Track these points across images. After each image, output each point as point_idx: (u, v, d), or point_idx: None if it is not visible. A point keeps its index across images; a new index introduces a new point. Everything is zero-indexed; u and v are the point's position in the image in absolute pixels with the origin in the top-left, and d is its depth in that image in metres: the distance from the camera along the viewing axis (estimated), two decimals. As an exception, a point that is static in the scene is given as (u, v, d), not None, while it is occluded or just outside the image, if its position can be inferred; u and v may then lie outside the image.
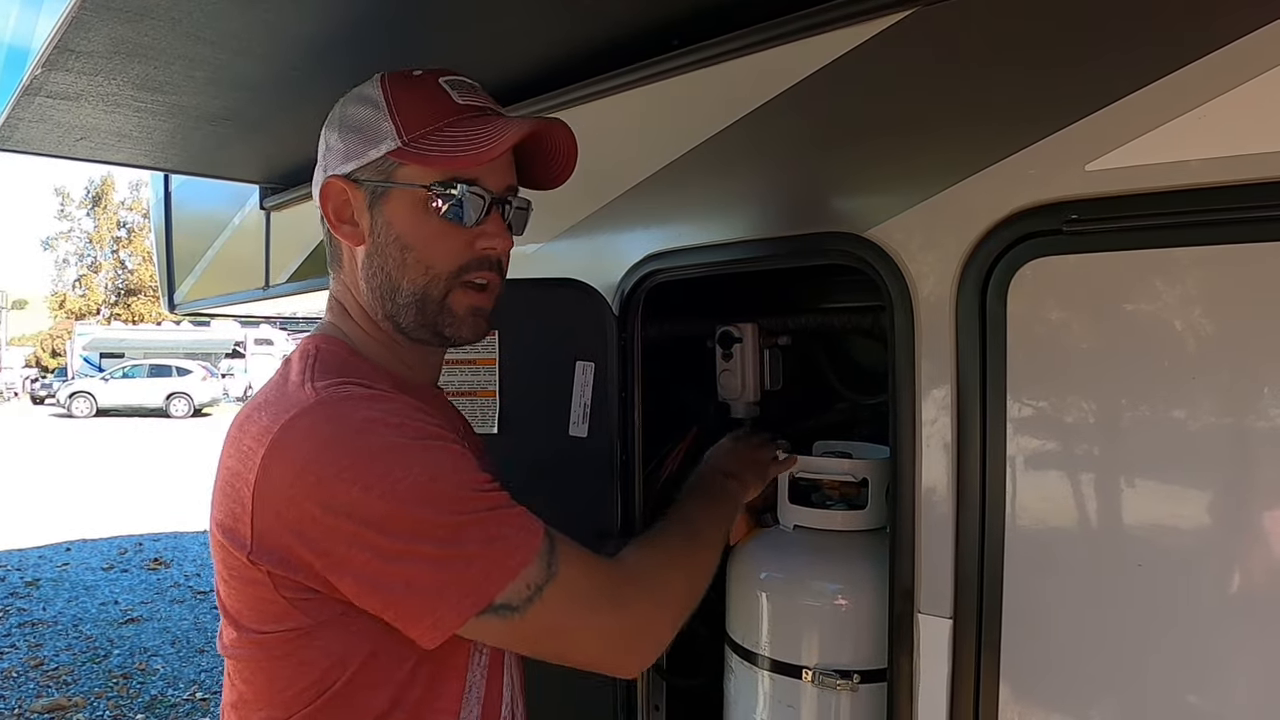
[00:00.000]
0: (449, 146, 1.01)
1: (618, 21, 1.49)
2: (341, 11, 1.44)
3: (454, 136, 1.02)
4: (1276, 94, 0.97)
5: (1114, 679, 1.11)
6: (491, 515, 0.93)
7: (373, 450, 0.89)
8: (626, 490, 1.69)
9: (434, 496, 0.90)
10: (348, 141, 1.05)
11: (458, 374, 1.77)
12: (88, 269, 44.35)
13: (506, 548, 0.92)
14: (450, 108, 1.04)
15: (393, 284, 1.05)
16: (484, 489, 0.94)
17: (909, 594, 1.29)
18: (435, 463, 0.92)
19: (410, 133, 1.02)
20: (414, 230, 1.03)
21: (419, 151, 1.01)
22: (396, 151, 1.02)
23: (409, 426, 0.93)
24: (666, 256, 1.64)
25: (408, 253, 1.04)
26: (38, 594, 7.16)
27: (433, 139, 1.02)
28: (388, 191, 1.04)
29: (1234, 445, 1.02)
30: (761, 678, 1.52)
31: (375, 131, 1.03)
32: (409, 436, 0.92)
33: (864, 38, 1.31)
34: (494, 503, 0.94)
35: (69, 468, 13.92)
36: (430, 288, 1.04)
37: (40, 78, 1.64)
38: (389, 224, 1.04)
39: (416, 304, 1.05)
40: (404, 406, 0.96)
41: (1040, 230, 1.15)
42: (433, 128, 1.02)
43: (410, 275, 1.04)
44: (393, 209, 1.04)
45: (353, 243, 1.07)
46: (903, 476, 1.29)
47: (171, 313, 4.72)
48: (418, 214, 1.03)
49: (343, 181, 1.05)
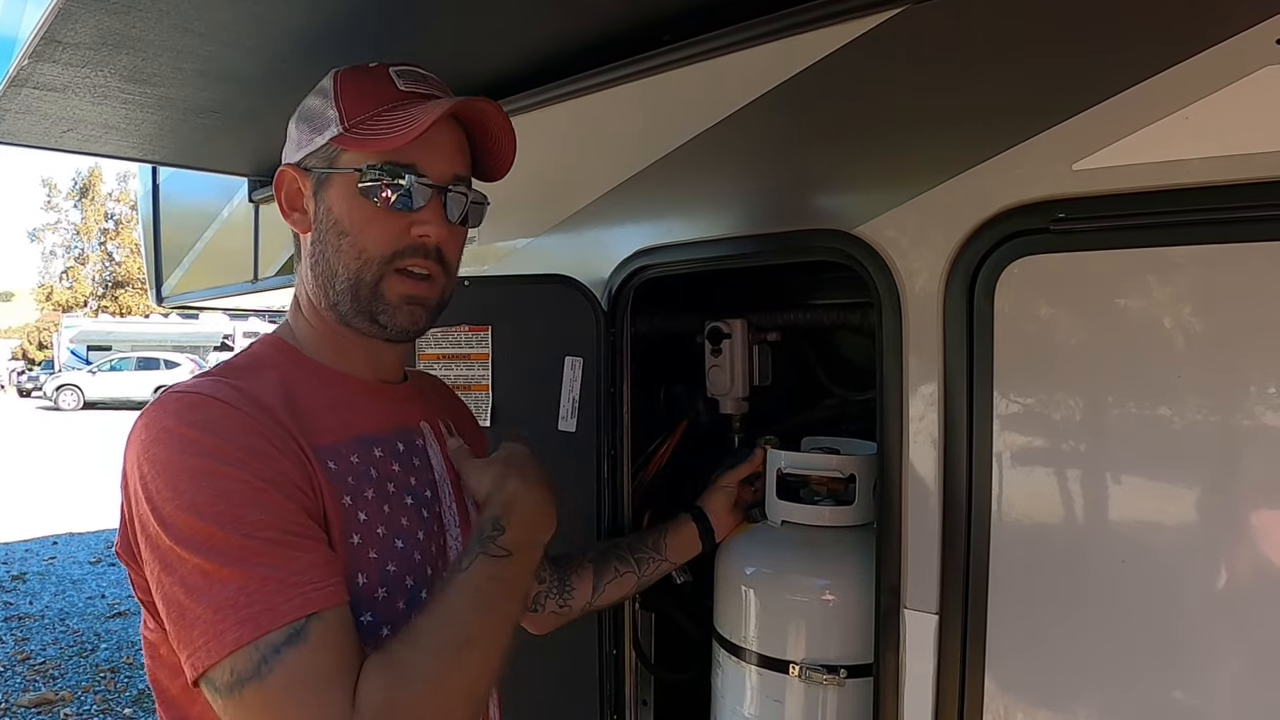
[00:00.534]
0: (382, 129, 1.00)
1: (608, 17, 1.49)
2: (330, 4, 1.44)
3: (389, 120, 1.01)
4: (1262, 94, 0.98)
5: (1098, 674, 1.12)
6: (233, 572, 0.81)
7: (159, 462, 0.86)
8: (614, 484, 1.69)
9: (189, 528, 0.83)
10: (300, 130, 1.07)
11: (453, 368, 1.78)
12: (75, 261, 44.06)
13: (233, 616, 0.80)
14: (391, 94, 1.04)
15: (331, 269, 1.03)
16: (250, 536, 0.83)
17: (895, 589, 1.29)
18: (208, 491, 0.84)
19: (351, 118, 1.02)
20: (349, 214, 1.02)
21: (357, 136, 1.01)
22: (338, 138, 1.02)
23: (204, 443, 0.86)
24: (656, 252, 1.64)
25: (343, 238, 1.02)
26: (24, 588, 7.12)
27: (369, 123, 1.01)
28: (329, 177, 1.03)
29: (1218, 443, 1.03)
30: (749, 672, 1.52)
31: (322, 119, 1.04)
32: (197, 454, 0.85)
33: (853, 35, 1.31)
34: (253, 556, 0.82)
35: (56, 461, 13.85)
36: (363, 272, 1.02)
37: (27, 69, 1.63)
38: (329, 209, 1.03)
39: (351, 289, 1.03)
40: (230, 426, 0.88)
41: (1027, 229, 1.16)
42: (373, 113, 1.02)
43: (345, 260, 1.02)
44: (333, 194, 1.03)
45: (301, 230, 1.08)
46: (889, 472, 1.30)
47: (159, 306, 4.69)
48: (353, 198, 1.02)
49: (293, 170, 1.07)
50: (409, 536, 1.03)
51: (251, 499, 0.85)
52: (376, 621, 0.96)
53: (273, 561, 0.83)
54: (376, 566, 0.97)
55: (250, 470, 0.86)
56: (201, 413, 0.89)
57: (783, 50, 1.40)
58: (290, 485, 0.89)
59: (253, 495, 0.85)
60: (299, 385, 1.02)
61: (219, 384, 0.94)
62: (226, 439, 0.87)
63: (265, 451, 0.88)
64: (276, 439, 0.90)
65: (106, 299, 42.83)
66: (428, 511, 1.08)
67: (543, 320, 1.71)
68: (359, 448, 1.02)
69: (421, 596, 1.02)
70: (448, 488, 1.14)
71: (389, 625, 0.97)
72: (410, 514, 1.04)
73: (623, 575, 1.53)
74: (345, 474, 0.98)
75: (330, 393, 1.04)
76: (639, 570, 1.55)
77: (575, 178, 1.20)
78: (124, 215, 42.82)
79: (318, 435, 0.97)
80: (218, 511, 0.83)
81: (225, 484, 0.84)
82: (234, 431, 0.88)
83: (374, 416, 1.08)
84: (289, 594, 0.82)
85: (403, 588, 1.00)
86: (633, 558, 1.55)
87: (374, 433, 1.05)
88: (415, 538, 1.04)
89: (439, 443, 1.16)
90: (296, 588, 0.82)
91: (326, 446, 0.97)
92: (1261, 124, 0.99)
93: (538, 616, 1.46)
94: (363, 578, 0.95)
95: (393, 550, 1.00)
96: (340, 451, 0.99)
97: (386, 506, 1.01)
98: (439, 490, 1.12)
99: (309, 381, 1.04)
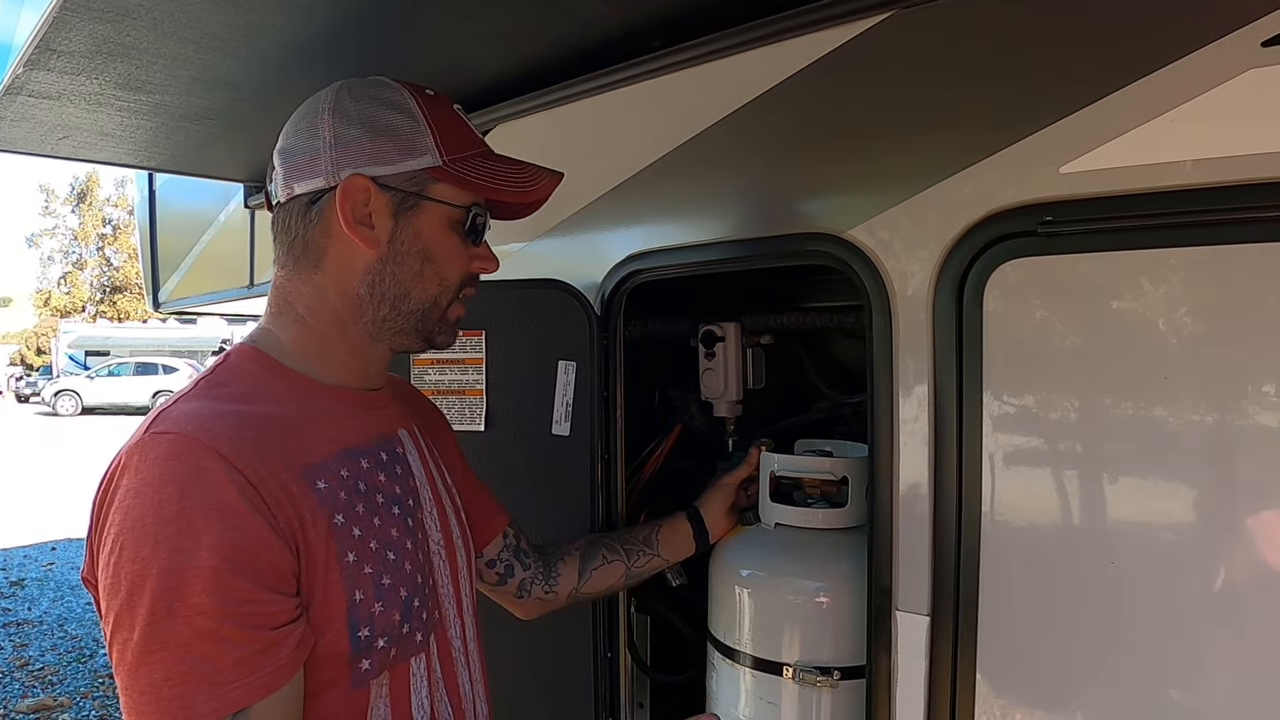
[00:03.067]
0: (489, 176, 1.08)
1: (598, 23, 1.50)
2: (324, 13, 1.44)
3: (491, 169, 1.09)
4: (1249, 97, 0.99)
5: (1088, 675, 1.13)
6: (163, 660, 0.83)
7: (133, 516, 0.85)
8: (608, 488, 1.70)
9: (157, 597, 0.83)
10: (379, 145, 1.03)
11: (447, 373, 1.78)
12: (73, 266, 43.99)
13: (156, 708, 0.82)
14: (477, 139, 1.12)
15: (403, 291, 1.07)
16: (192, 622, 0.83)
17: (887, 591, 1.30)
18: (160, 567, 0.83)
19: (450, 154, 1.06)
20: (439, 244, 1.08)
21: (459, 174, 1.06)
22: (436, 169, 1.05)
23: (172, 508, 0.84)
24: (648, 256, 1.64)
25: (428, 264, 1.07)
26: (23, 594, 7.12)
27: (470, 165, 1.08)
28: (420, 204, 1.06)
29: (1207, 444, 1.04)
30: (743, 675, 1.53)
31: (414, 144, 1.04)
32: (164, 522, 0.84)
33: (843, 40, 1.32)
34: (185, 645, 0.83)
35: (54, 466, 13.83)
36: (440, 298, 1.10)
37: (22, 77, 1.64)
38: (418, 235, 1.06)
39: (423, 312, 1.09)
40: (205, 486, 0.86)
41: (1016, 231, 1.16)
42: (470, 154, 1.08)
43: (425, 285, 1.08)
44: (424, 221, 1.06)
45: (366, 245, 1.05)
46: (881, 475, 1.30)
47: (156, 311, 4.69)
48: (445, 230, 1.08)
49: (371, 183, 1.03)
50: (399, 547, 1.03)
51: (203, 579, 0.83)
52: (373, 635, 0.97)
53: (202, 653, 0.83)
54: (372, 581, 0.98)
55: (212, 536, 0.84)
56: (182, 464, 0.87)
57: (772, 55, 1.40)
58: (254, 556, 0.87)
59: (205, 575, 0.83)
60: (283, 400, 1.02)
61: (206, 418, 0.92)
62: (198, 502, 0.85)
63: (235, 512, 0.86)
64: (254, 490, 0.89)
65: (104, 304, 42.78)
66: (413, 520, 1.09)
67: (536, 325, 1.72)
68: (347, 460, 1.02)
69: (414, 606, 1.03)
70: (427, 493, 1.15)
71: (385, 638, 0.98)
72: (398, 524, 1.05)
73: (611, 563, 1.54)
74: (335, 491, 0.98)
75: (314, 406, 1.04)
76: (628, 560, 1.55)
77: (567, 183, 1.20)
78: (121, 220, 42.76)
79: (305, 452, 0.97)
80: (166, 588, 0.82)
81: (181, 559, 0.83)
82: (208, 491, 0.86)
83: (357, 427, 1.08)
84: (210, 693, 0.83)
85: (397, 600, 1.00)
86: (622, 548, 1.56)
87: (359, 444, 1.06)
88: (405, 548, 1.04)
89: (417, 449, 1.17)
90: (219, 687, 0.83)
91: (315, 464, 0.97)
92: (1247, 126, 0.99)
93: (524, 602, 1.47)
94: (359, 594, 0.96)
95: (386, 563, 1.00)
96: (330, 467, 0.99)
97: (377, 519, 1.02)
98: (419, 496, 1.13)
99: (294, 396, 1.03)
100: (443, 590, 1.14)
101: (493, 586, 1.44)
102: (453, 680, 1.12)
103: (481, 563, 1.40)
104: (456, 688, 1.13)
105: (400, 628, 1.01)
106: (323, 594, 0.94)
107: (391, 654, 1.00)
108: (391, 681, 1.01)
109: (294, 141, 1.07)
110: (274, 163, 1.09)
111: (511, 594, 1.46)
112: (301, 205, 1.06)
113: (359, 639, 0.96)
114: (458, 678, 1.14)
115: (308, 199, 1.05)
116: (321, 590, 0.94)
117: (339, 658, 0.95)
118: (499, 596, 1.47)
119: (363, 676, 0.97)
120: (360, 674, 0.97)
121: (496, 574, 1.43)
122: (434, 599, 1.10)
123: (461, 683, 1.14)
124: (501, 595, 1.47)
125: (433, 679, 1.08)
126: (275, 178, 1.08)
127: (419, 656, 1.05)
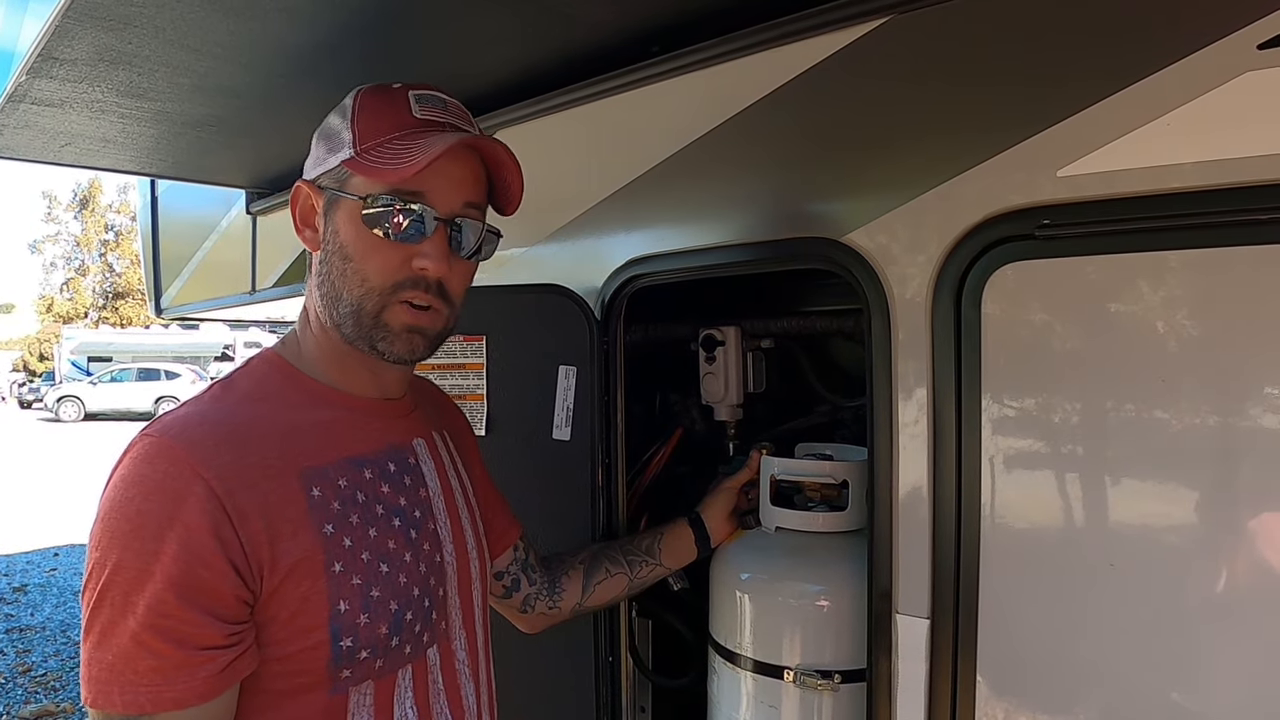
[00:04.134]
0: (388, 159, 0.98)
1: (598, 28, 1.50)
2: (325, 19, 1.45)
3: (396, 150, 0.99)
4: (1245, 100, 0.99)
5: (1088, 676, 1.13)
6: (100, 643, 0.87)
7: (104, 504, 0.90)
8: (609, 492, 1.70)
9: (105, 587, 0.87)
10: (318, 147, 1.08)
11: (448, 378, 1.79)
12: (75, 272, 44.07)
13: (90, 676, 0.87)
14: (405, 121, 1.03)
15: (335, 292, 1.03)
16: (126, 615, 0.86)
17: (887, 595, 1.30)
18: (113, 560, 0.87)
19: (362, 143, 1.01)
20: (353, 241, 1.02)
21: (365, 163, 1.00)
22: (349, 161, 1.01)
23: (138, 511, 0.87)
24: (648, 261, 1.65)
25: (348, 263, 1.02)
26: (25, 599, 7.12)
27: (378, 151, 1.00)
28: (338, 200, 1.03)
29: (1206, 447, 1.04)
30: (744, 678, 1.53)
31: (337, 139, 1.04)
32: (129, 517, 0.88)
33: (841, 45, 1.32)
34: (113, 636, 0.86)
35: (57, 472, 13.84)
36: (365, 300, 1.02)
37: (25, 84, 1.65)
38: (336, 232, 1.03)
39: (354, 315, 1.02)
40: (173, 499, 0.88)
41: (1013, 235, 1.17)
42: (384, 139, 1.01)
43: (349, 285, 1.02)
44: (341, 218, 1.03)
45: (311, 248, 1.09)
46: (880, 478, 1.30)
47: (158, 317, 4.70)
48: (359, 225, 1.01)
49: (308, 186, 1.07)
50: (394, 560, 1.03)
51: (142, 584, 0.86)
52: (356, 646, 0.97)
53: (124, 650, 0.86)
54: (359, 593, 0.98)
55: (162, 546, 0.87)
56: (153, 468, 0.89)
57: (771, 61, 1.41)
58: (196, 578, 0.87)
59: (145, 581, 0.86)
60: (293, 405, 1.03)
61: (193, 425, 0.95)
62: (157, 510, 0.88)
63: (190, 529, 0.87)
64: (219, 506, 0.89)
65: (107, 310, 42.83)
66: (417, 531, 1.08)
67: (537, 330, 1.72)
68: (348, 470, 1.02)
69: (406, 619, 1.03)
70: (441, 503, 1.15)
71: (369, 649, 0.98)
72: (397, 536, 1.05)
73: (614, 576, 1.54)
74: (329, 500, 0.98)
75: (324, 413, 1.05)
76: (630, 572, 1.55)
77: (567, 188, 1.21)
78: (124, 227, 42.82)
79: (305, 456, 0.98)
80: (111, 581, 0.86)
81: (130, 559, 0.86)
82: (169, 501, 0.88)
83: (366, 436, 1.08)
84: (123, 689, 0.86)
85: (386, 613, 1.00)
86: (625, 560, 1.56)
87: (364, 453, 1.06)
88: (401, 560, 1.04)
89: (433, 459, 1.17)
90: (132, 687, 0.86)
91: (314, 469, 0.98)
92: (1244, 129, 1.00)
93: (528, 617, 1.47)
94: (344, 604, 0.96)
95: (377, 575, 1.00)
96: (327, 474, 0.99)
97: (373, 530, 1.02)
98: (431, 507, 1.13)
99: (304, 402, 1.04)
100: (450, 602, 1.13)
101: (498, 599, 1.44)
102: (455, 693, 1.11)
103: (490, 573, 1.40)
104: (459, 701, 1.12)
105: (388, 640, 1.00)
106: (302, 601, 0.94)
107: (376, 665, 1.00)
108: (376, 691, 1.01)
109: None
110: None
111: (516, 608, 1.46)
112: None
113: (340, 648, 0.96)
114: (461, 690, 1.13)
115: None
116: (301, 597, 0.94)
117: (319, 664, 0.95)
118: (503, 608, 1.47)
119: (342, 684, 0.97)
120: (340, 681, 0.97)
121: (503, 586, 1.43)
122: (439, 610, 1.10)
123: (465, 695, 1.13)
124: (506, 608, 1.47)
125: (431, 689, 1.07)
126: None
127: (406, 669, 1.04)
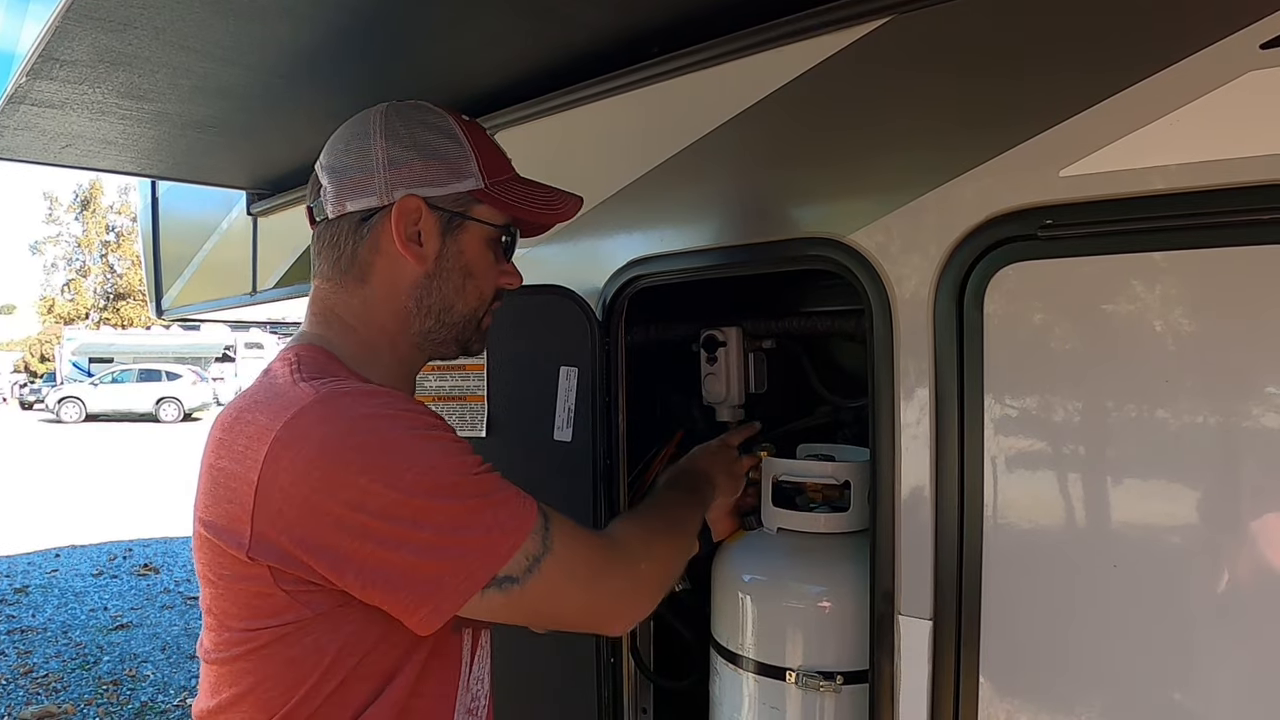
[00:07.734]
0: (522, 198, 1.18)
1: (598, 29, 1.50)
2: (325, 21, 1.45)
3: (523, 191, 1.19)
4: (1248, 99, 0.98)
5: (1092, 678, 1.13)
6: (487, 501, 0.99)
7: (374, 444, 0.95)
8: (611, 494, 1.70)
9: (435, 486, 0.96)
10: (430, 167, 1.11)
11: (448, 379, 1.78)
12: (76, 273, 44.13)
13: (504, 530, 0.99)
14: (509, 164, 1.21)
15: (447, 305, 1.16)
16: (479, 473, 1.01)
17: (889, 596, 1.30)
18: (434, 452, 0.98)
19: (490, 177, 1.15)
20: (478, 261, 1.17)
21: (497, 196, 1.15)
22: (479, 191, 1.14)
23: (405, 418, 0.99)
24: (650, 262, 1.64)
25: (469, 280, 1.16)
26: (27, 600, 7.13)
27: (505, 187, 1.17)
28: (464, 224, 1.14)
29: (1207, 447, 1.04)
30: (746, 680, 1.53)
31: (460, 167, 1.13)
32: (407, 428, 0.98)
33: (842, 45, 1.32)
34: (489, 487, 1.01)
35: (58, 473, 13.85)
36: (478, 311, 1.20)
37: (25, 86, 1.65)
38: (460, 252, 1.15)
39: (464, 323, 1.19)
40: (399, 399, 1.02)
41: (1016, 235, 1.16)
42: (506, 178, 1.18)
43: (466, 299, 1.17)
44: (467, 240, 1.15)
45: (415, 262, 1.12)
46: (882, 479, 1.30)
47: (159, 318, 4.70)
48: (484, 248, 1.17)
49: (424, 204, 1.11)
50: None
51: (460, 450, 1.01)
52: None
53: (499, 484, 1.02)
54: None
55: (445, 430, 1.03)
56: (379, 400, 1.00)
57: (772, 60, 1.41)
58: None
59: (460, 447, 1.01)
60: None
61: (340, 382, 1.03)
62: (416, 411, 1.02)
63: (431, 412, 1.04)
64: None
65: (108, 311, 42.90)
66: None
67: (537, 330, 1.72)
68: None
69: None
70: None
71: None
72: None
73: None
74: None
75: None
76: None
77: (569, 189, 1.22)
78: (125, 228, 42.87)
79: None
80: (452, 465, 0.99)
81: (441, 444, 1.00)
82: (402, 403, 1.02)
83: None
84: (525, 502, 1.03)
85: None
86: None
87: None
88: None
89: None
90: (522, 498, 1.03)
91: None
92: (1247, 129, 0.99)
93: None
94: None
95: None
96: None
97: None
98: None
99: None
100: None
101: None
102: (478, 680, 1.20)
103: None
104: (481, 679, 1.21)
105: None
106: None
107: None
108: (472, 642, 1.17)
109: (346, 161, 1.12)
110: (321, 180, 1.14)
111: None
112: (353, 222, 1.12)
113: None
114: (481, 678, 1.21)
115: (359, 216, 1.12)
116: None
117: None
118: None
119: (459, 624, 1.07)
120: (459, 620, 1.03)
121: None
122: None
123: (484, 682, 1.21)
124: None
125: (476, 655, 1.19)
126: (324, 194, 1.13)
127: (463, 635, 1.16)
